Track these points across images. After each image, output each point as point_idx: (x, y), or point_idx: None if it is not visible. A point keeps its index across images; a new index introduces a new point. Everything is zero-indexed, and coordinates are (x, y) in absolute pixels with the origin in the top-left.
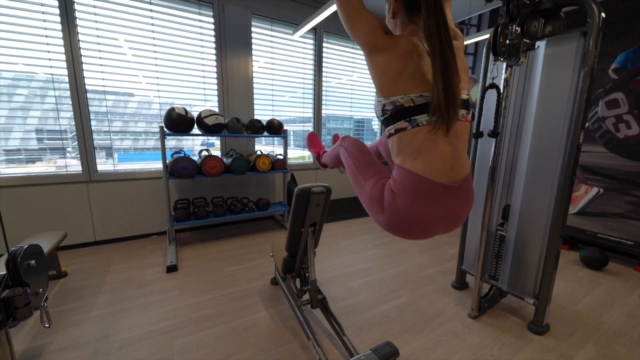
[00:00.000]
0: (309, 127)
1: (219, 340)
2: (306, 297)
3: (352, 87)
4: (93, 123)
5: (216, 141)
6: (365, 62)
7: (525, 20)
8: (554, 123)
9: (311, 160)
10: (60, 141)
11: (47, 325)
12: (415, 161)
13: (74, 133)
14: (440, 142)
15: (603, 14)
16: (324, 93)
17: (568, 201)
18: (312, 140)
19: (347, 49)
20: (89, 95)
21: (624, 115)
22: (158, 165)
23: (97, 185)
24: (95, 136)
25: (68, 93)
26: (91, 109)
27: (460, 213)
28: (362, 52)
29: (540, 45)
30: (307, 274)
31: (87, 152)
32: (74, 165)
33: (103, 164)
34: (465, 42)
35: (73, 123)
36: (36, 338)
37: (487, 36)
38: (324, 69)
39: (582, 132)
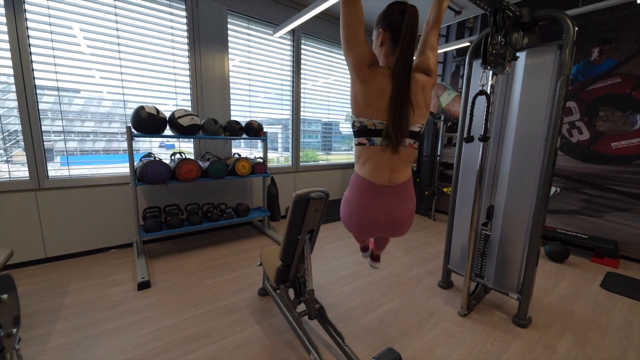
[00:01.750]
0: (288, 130)
1: None
2: (301, 307)
3: (329, 90)
4: (45, 123)
5: (187, 143)
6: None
7: (508, 32)
8: (534, 128)
9: (289, 163)
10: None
11: None
12: (364, 168)
13: (7, 132)
14: (384, 158)
15: (577, 28)
16: (302, 95)
17: (547, 201)
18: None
19: (324, 51)
20: (38, 91)
21: (576, 122)
22: (123, 169)
23: (48, 194)
24: (47, 138)
25: (11, 88)
26: (42, 106)
27: (397, 209)
28: (340, 55)
29: (521, 55)
30: (302, 284)
31: (35, 155)
32: (21, 170)
33: (56, 169)
34: (439, 51)
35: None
36: None
37: (454, 47)
38: (302, 71)
39: (558, 136)
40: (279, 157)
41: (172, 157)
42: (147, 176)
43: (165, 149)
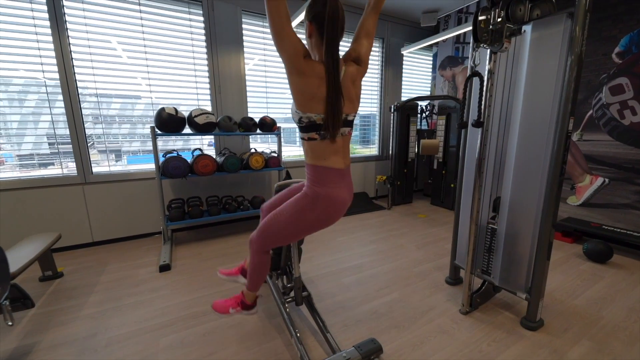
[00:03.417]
0: None
1: (203, 338)
2: (293, 294)
3: None
4: (99, 127)
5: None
6: None
7: (510, 4)
8: (541, 111)
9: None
10: (62, 145)
11: (10, 324)
12: (326, 160)
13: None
14: (335, 147)
15: None
16: None
17: (559, 189)
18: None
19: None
20: (80, 98)
21: (629, 101)
22: (153, 165)
23: (92, 187)
24: (101, 139)
25: (61, 97)
26: (92, 112)
27: (351, 183)
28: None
29: (527, 29)
30: (292, 271)
31: (81, 154)
32: (71, 167)
33: (113, 166)
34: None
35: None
36: (27, 337)
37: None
38: None
39: (571, 119)
40: (299, 151)
41: (193, 153)
42: (168, 171)
43: (212, 147)
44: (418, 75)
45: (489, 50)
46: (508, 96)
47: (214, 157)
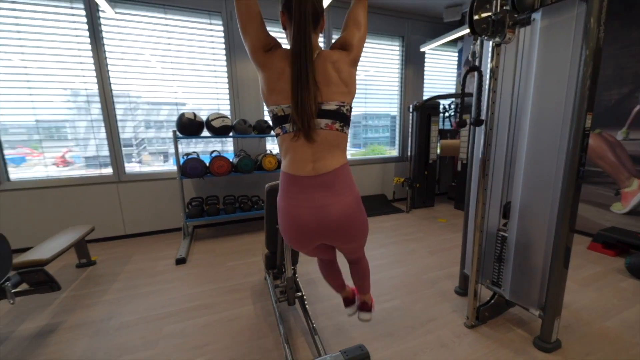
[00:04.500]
0: None
1: (202, 329)
2: None
3: (368, 82)
4: (152, 131)
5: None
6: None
7: None
8: (553, 107)
9: None
10: (128, 148)
11: (11, 302)
12: (285, 161)
13: (138, 140)
14: (300, 146)
15: None
16: None
17: (575, 194)
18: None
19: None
20: (116, 105)
21: None
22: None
23: (125, 185)
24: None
25: (130, 105)
26: (145, 118)
27: (329, 204)
28: (376, 45)
29: (536, 17)
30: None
31: (116, 156)
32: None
33: (161, 166)
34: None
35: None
36: (56, 316)
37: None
38: None
39: (587, 115)
40: None
41: (211, 155)
42: (187, 171)
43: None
44: (442, 73)
45: (491, 43)
46: (518, 92)
47: (234, 158)
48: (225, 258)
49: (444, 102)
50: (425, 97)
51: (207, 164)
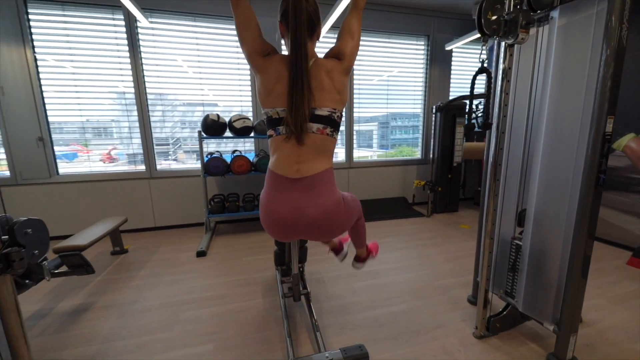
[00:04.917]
0: (343, 126)
1: (213, 318)
2: None
3: (389, 83)
4: (187, 131)
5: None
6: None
7: None
8: (571, 110)
9: (343, 158)
10: (165, 147)
11: (47, 279)
12: (272, 158)
13: (174, 139)
14: (290, 147)
15: None
16: (357, 91)
17: (597, 196)
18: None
19: (380, 43)
20: (150, 107)
21: None
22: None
23: (156, 181)
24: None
25: (169, 107)
26: (181, 119)
27: (308, 205)
28: (399, 45)
29: (554, 15)
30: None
31: (148, 154)
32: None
33: (193, 164)
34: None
35: (171, 131)
36: (90, 297)
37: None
38: (358, 67)
39: (608, 119)
40: (335, 153)
41: (232, 154)
42: (209, 169)
43: None
44: (471, 72)
45: (503, 44)
46: (535, 94)
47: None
48: (242, 253)
49: (474, 102)
50: (451, 97)
51: (229, 163)
